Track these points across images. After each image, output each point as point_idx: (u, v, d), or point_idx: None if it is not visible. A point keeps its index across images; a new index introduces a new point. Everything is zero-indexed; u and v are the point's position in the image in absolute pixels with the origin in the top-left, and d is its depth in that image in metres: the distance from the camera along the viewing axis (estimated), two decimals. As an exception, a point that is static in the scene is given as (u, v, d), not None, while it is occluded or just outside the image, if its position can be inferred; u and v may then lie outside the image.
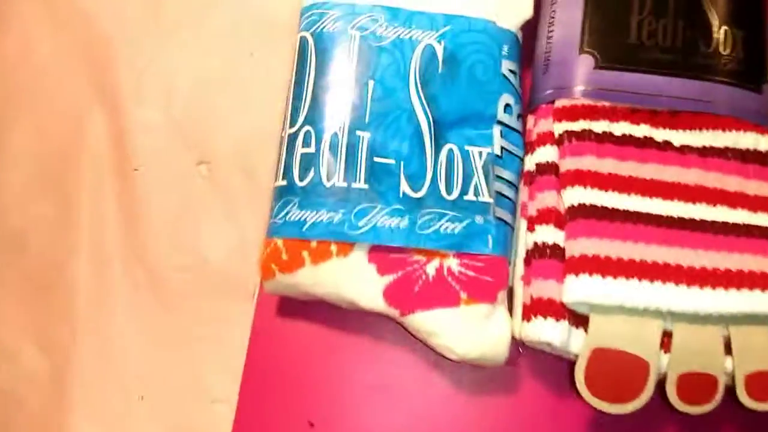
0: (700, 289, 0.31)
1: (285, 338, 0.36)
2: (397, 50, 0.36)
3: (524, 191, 0.36)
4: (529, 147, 0.36)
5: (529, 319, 0.32)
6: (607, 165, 0.34)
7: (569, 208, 0.33)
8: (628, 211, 0.33)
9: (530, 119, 0.37)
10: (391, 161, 0.35)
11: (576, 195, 0.33)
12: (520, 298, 0.34)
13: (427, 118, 0.35)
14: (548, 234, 0.33)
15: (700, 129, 0.35)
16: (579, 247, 0.32)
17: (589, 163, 0.34)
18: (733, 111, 0.35)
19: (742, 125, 0.35)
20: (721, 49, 0.35)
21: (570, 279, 0.31)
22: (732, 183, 0.34)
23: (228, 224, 0.37)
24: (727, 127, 0.35)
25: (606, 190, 0.33)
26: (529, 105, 0.38)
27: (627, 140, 0.34)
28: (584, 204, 0.33)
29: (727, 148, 0.34)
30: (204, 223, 0.37)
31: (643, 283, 0.31)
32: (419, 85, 0.36)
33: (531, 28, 0.39)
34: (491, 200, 0.35)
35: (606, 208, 0.33)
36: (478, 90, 0.36)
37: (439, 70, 0.36)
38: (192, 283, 0.36)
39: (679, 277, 0.31)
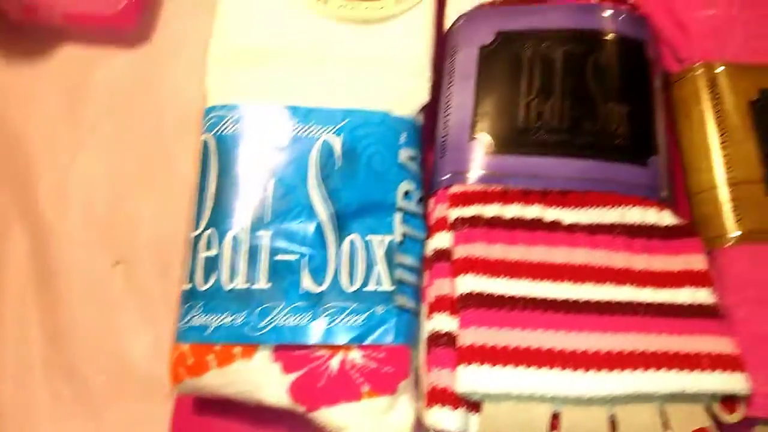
0: (585, 372, 0.32)
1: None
2: (297, 148, 0.37)
3: (425, 276, 0.37)
4: (428, 231, 0.38)
5: (429, 407, 0.33)
6: (497, 251, 0.35)
7: (461, 296, 0.34)
8: (517, 297, 0.34)
9: (431, 202, 0.38)
10: (294, 257, 0.36)
11: (467, 283, 0.34)
12: (424, 385, 0.35)
13: (328, 212, 0.37)
14: (444, 322, 0.34)
15: (589, 207, 0.36)
16: (469, 336, 0.33)
17: (479, 250, 0.35)
18: (619, 187, 0.36)
19: (629, 200, 0.36)
20: (606, 126, 0.37)
21: (461, 369, 0.32)
22: (619, 260, 0.35)
23: (146, 325, 0.39)
24: (613, 203, 0.36)
25: (495, 277, 0.34)
26: (429, 188, 0.39)
27: (517, 223, 0.35)
28: (474, 292, 0.34)
29: (613, 225, 0.35)
30: (123, 324, 0.39)
31: (530, 370, 0.32)
32: (318, 181, 0.37)
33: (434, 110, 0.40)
34: (392, 288, 0.36)
35: (495, 295, 0.34)
36: (376, 180, 0.37)
37: (338, 164, 0.37)
38: (113, 387, 0.38)
39: (565, 361, 0.32)
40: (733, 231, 0.36)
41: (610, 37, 0.38)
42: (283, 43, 0.40)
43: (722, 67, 0.39)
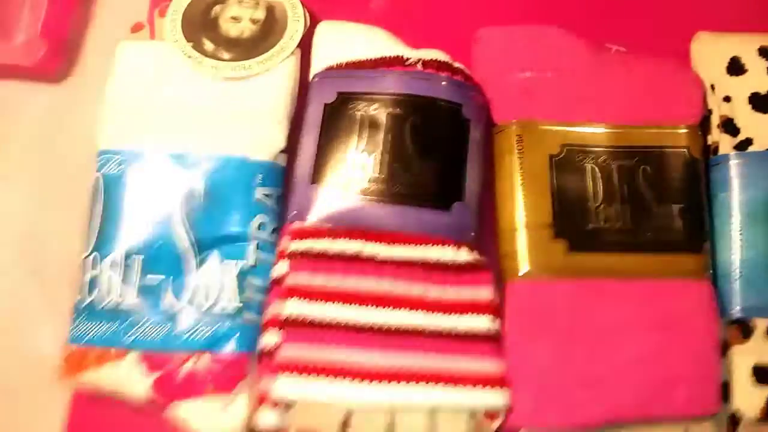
0: (370, 383, 0.40)
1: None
2: (168, 188, 0.45)
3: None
4: (275, 260, 0.45)
5: (258, 407, 0.42)
6: (318, 280, 0.43)
7: (286, 317, 0.42)
8: (329, 319, 0.42)
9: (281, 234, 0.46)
10: (159, 279, 0.44)
11: (291, 306, 0.42)
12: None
13: (190, 240, 0.45)
14: (272, 338, 0.42)
15: (399, 244, 0.43)
16: (287, 351, 0.41)
17: (303, 279, 0.43)
18: (425, 229, 0.43)
19: (432, 240, 0.43)
20: (419, 178, 0.44)
21: (278, 377, 0.41)
22: (416, 290, 0.42)
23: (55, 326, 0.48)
24: (418, 242, 0.43)
25: (314, 302, 0.42)
26: (281, 222, 0.47)
27: (339, 257, 0.43)
28: (296, 314, 0.42)
29: (416, 261, 0.43)
30: (35, 324, 0.48)
31: (329, 379, 0.40)
32: (184, 216, 0.45)
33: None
34: (240, 306, 0.44)
35: (313, 317, 0.42)
36: (234, 215, 0.45)
37: (201, 201, 0.45)
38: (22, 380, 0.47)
39: (357, 374, 0.40)
40: (522, 268, 0.44)
41: (430, 101, 0.45)
42: (164, 95, 0.47)
43: (529, 124, 0.45)
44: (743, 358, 0.44)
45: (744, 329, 0.44)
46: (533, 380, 0.42)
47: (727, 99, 0.46)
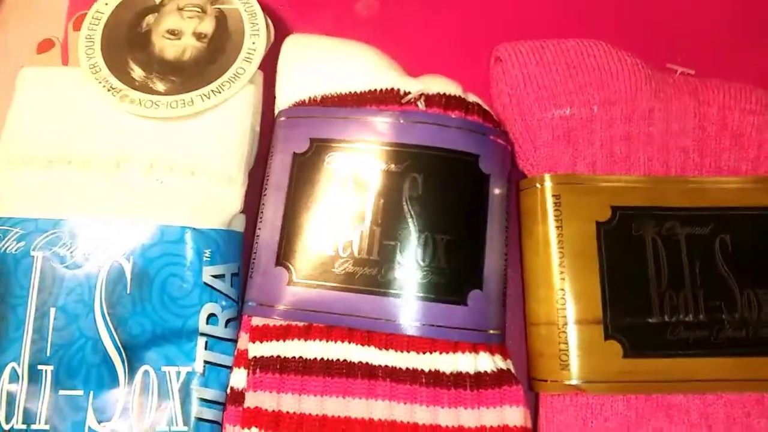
0: None
1: None
2: (82, 272, 0.34)
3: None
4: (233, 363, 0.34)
5: None
6: (287, 402, 0.31)
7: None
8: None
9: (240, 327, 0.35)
10: (79, 392, 0.33)
11: (252, 440, 0.31)
12: None
13: (115, 343, 0.33)
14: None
15: (397, 350, 0.32)
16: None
17: (268, 401, 0.31)
18: (431, 329, 0.32)
19: (439, 344, 0.32)
20: (419, 259, 0.32)
21: None
22: (423, 415, 0.31)
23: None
24: (422, 348, 0.32)
25: (281, 433, 0.31)
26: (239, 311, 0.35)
27: (314, 366, 0.32)
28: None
29: (420, 372, 0.31)
30: None
31: None
32: (105, 309, 0.33)
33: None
34: (186, 429, 0.33)
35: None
36: (173, 306, 0.34)
37: (128, 290, 0.33)
38: None
39: None
40: (564, 378, 0.32)
41: (436, 152, 0.33)
42: (74, 147, 0.35)
43: (570, 179, 0.34)
44: None
45: None
46: None
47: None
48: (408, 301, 0.32)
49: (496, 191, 0.34)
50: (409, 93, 0.33)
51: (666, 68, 0.36)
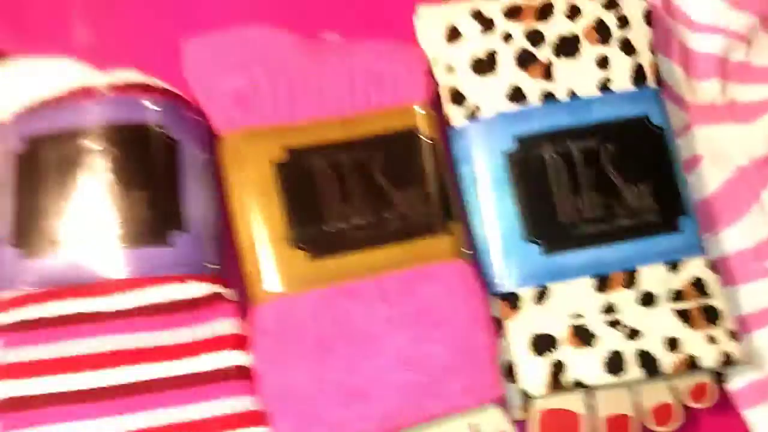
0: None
1: None
2: None
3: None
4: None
5: None
6: (31, 353, 0.37)
7: (-1, 403, 0.36)
8: (38, 395, 0.36)
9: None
10: None
11: (3, 389, 0.36)
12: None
13: None
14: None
15: (116, 293, 0.38)
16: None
17: (13, 355, 0.37)
18: (143, 270, 0.38)
19: (151, 281, 0.38)
20: (125, 217, 0.39)
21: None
22: (138, 340, 0.38)
23: None
24: (136, 286, 0.38)
25: (30, 378, 0.37)
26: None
27: (53, 322, 0.38)
28: (9, 397, 0.36)
29: (137, 308, 0.38)
30: None
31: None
32: None
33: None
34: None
35: (28, 397, 0.36)
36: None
37: None
38: None
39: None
40: (264, 286, 0.40)
41: (127, 127, 0.40)
42: None
43: (246, 132, 0.41)
44: (517, 331, 0.41)
45: (512, 301, 0.42)
46: (291, 408, 0.38)
47: (450, 69, 0.44)
48: (122, 252, 0.38)
49: (190, 152, 0.41)
50: (99, 86, 0.41)
51: (319, 37, 0.45)
